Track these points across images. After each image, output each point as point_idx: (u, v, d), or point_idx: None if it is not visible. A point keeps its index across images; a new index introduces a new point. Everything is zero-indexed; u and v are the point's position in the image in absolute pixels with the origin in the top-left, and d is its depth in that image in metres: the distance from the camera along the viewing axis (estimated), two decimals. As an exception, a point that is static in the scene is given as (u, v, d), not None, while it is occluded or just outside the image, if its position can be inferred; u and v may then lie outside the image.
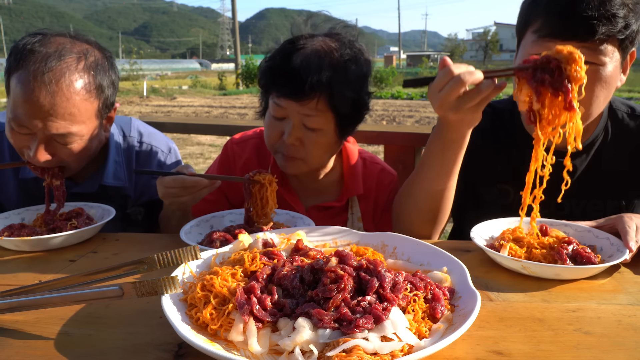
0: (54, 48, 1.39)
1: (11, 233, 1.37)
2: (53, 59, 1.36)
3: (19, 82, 1.36)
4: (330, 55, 1.44)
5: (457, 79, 1.11)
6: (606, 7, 1.26)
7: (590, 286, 1.09)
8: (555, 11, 1.31)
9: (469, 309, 0.84)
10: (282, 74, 1.45)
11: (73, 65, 1.40)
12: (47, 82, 1.34)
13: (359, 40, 1.55)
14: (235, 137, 1.80)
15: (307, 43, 1.46)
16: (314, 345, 0.75)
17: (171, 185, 1.37)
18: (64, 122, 1.39)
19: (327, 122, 1.48)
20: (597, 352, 0.83)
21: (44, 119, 1.37)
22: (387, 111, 16.78)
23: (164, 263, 0.94)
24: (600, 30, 1.26)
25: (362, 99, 1.54)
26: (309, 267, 0.89)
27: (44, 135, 1.40)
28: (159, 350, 0.83)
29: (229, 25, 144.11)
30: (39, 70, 1.34)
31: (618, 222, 1.23)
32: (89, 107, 1.44)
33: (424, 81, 1.19)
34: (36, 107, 1.35)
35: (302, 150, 1.51)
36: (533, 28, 1.36)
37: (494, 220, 1.35)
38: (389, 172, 1.79)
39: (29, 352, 0.83)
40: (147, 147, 1.79)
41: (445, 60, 1.15)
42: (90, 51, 1.46)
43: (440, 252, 1.06)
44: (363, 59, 1.52)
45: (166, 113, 16.57)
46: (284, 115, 1.49)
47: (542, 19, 1.33)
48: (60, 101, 1.36)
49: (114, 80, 1.54)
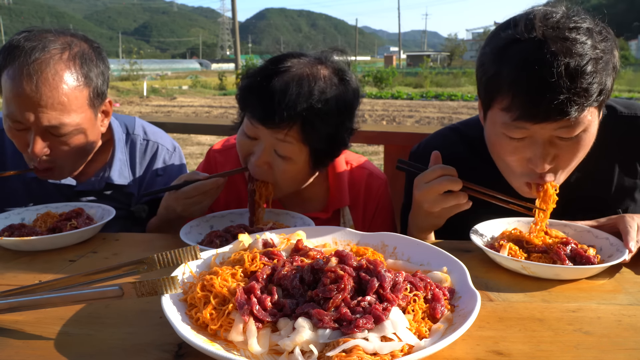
0: (38, 42, 1.42)
1: (11, 233, 1.37)
2: (37, 51, 1.40)
3: (8, 77, 1.40)
4: (312, 84, 1.34)
5: (441, 180, 1.29)
6: (576, 84, 1.12)
7: (590, 286, 1.09)
8: (522, 94, 1.17)
9: (469, 309, 0.84)
10: (256, 97, 1.37)
11: (57, 56, 1.43)
12: (32, 74, 1.38)
13: (350, 70, 1.46)
14: (217, 145, 1.76)
15: (293, 66, 1.37)
16: (314, 345, 0.75)
17: (192, 194, 1.37)
18: (54, 112, 1.41)
19: (299, 153, 1.40)
20: (597, 352, 0.83)
21: (34, 110, 1.39)
22: (387, 111, 16.78)
23: (164, 263, 0.94)
24: (574, 109, 1.14)
25: (340, 136, 1.44)
26: (309, 267, 0.89)
27: (38, 128, 1.43)
28: (159, 350, 0.83)
29: (229, 25, 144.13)
30: (24, 62, 1.38)
31: (619, 221, 1.23)
32: (78, 96, 1.46)
33: (417, 168, 1.38)
34: (26, 100, 1.38)
35: (270, 174, 1.44)
36: (500, 105, 1.22)
37: (494, 220, 1.35)
38: (378, 176, 1.74)
39: (29, 352, 0.83)
40: (153, 144, 1.80)
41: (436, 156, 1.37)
42: (74, 42, 1.49)
43: (440, 252, 1.06)
44: (351, 90, 1.43)
45: (166, 113, 16.57)
46: (255, 136, 1.42)
47: (509, 99, 1.19)
48: (47, 91, 1.39)
49: (103, 71, 1.55)
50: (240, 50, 47.86)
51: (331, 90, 1.37)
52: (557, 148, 1.24)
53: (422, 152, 1.66)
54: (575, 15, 1.20)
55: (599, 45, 1.16)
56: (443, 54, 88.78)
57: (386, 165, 2.59)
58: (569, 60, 1.12)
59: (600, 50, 1.16)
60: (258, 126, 1.38)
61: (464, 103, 19.84)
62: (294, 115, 1.32)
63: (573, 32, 1.15)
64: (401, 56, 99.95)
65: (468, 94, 22.82)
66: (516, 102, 1.18)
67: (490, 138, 1.33)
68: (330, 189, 1.67)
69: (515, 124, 1.20)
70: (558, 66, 1.12)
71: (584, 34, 1.16)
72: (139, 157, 1.77)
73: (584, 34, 1.16)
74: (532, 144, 1.23)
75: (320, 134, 1.38)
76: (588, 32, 1.16)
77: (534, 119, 1.17)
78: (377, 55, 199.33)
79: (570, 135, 1.20)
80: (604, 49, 1.17)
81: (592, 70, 1.13)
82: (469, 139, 1.60)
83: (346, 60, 1.50)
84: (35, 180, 1.66)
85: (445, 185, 1.28)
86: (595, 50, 1.15)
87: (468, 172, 1.32)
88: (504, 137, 1.26)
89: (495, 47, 1.23)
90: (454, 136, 1.65)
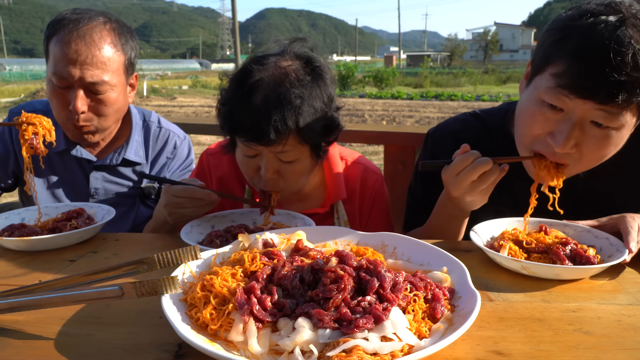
0: (84, 14, 1.69)
1: (11, 233, 1.37)
2: (84, 20, 1.66)
3: (57, 41, 1.63)
4: (290, 88, 1.32)
5: (474, 166, 1.25)
6: (638, 73, 1.11)
7: (590, 286, 1.09)
8: (580, 64, 1.15)
9: (469, 309, 0.84)
10: (244, 124, 1.35)
11: (101, 25, 1.69)
12: (81, 35, 1.63)
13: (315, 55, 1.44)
14: (211, 148, 1.75)
15: (262, 74, 1.34)
16: (314, 345, 0.75)
17: (180, 194, 1.36)
18: (97, 70, 1.65)
19: (302, 153, 1.42)
20: (597, 352, 0.83)
21: (81, 67, 1.62)
22: (387, 111, 16.78)
23: (164, 263, 0.94)
24: (623, 97, 1.13)
25: (332, 119, 1.45)
26: (309, 267, 0.89)
27: (82, 84, 1.65)
28: (159, 350, 0.83)
29: (229, 25, 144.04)
30: (74, 28, 1.63)
31: (620, 221, 1.23)
32: (117, 59, 1.71)
33: (441, 164, 1.33)
34: (74, 57, 1.61)
35: (281, 181, 1.46)
36: (553, 70, 1.21)
37: (494, 220, 1.35)
38: (373, 171, 1.74)
39: (29, 352, 0.83)
40: (165, 131, 1.99)
41: (465, 147, 1.29)
42: (113, 18, 1.76)
43: (440, 252, 1.06)
44: (326, 76, 1.42)
45: (166, 113, 16.56)
46: (255, 153, 1.43)
47: (565, 66, 1.18)
48: (94, 50, 1.64)
49: (135, 47, 1.80)
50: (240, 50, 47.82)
51: (310, 88, 1.36)
52: (585, 136, 1.22)
53: (440, 135, 1.67)
54: None
55: None
56: (443, 54, 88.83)
57: (386, 165, 2.59)
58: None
59: None
60: (255, 146, 1.38)
61: (464, 103, 19.84)
62: (287, 128, 1.32)
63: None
64: (401, 56, 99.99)
65: (468, 94, 22.82)
66: (571, 70, 1.17)
67: (525, 103, 1.31)
68: (327, 183, 1.68)
69: (560, 91, 1.19)
70: (627, 49, 1.11)
71: None
72: (152, 141, 1.96)
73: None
74: (564, 120, 1.22)
75: (315, 130, 1.39)
76: None
77: (580, 93, 1.16)
78: (377, 55, 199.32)
79: (607, 123, 1.19)
80: None
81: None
82: (489, 126, 1.60)
83: (307, 44, 1.47)
84: (58, 154, 1.84)
85: (477, 170, 1.25)
86: None
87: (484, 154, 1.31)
88: (540, 104, 1.25)
89: (574, 13, 1.22)
90: (474, 122, 1.64)
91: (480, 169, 1.25)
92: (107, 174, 1.88)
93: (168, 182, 1.43)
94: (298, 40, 1.48)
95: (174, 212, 1.40)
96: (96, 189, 1.86)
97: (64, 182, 1.88)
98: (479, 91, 25.53)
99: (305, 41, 1.48)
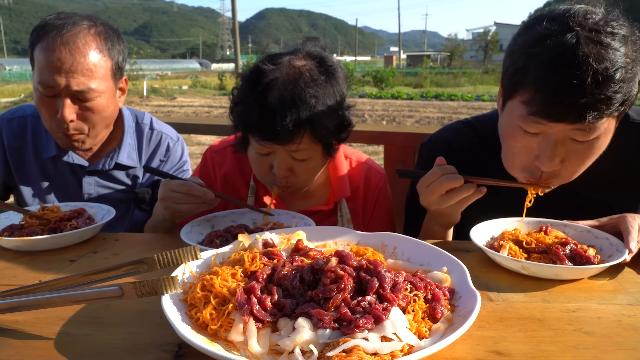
0: (68, 19, 1.63)
1: (11, 233, 1.37)
2: (68, 25, 1.59)
3: (42, 48, 1.57)
4: (305, 88, 1.34)
5: (441, 181, 1.27)
6: (601, 91, 1.11)
7: (590, 286, 1.09)
8: (544, 91, 1.16)
9: (469, 309, 0.84)
10: (258, 123, 1.38)
11: (85, 30, 1.62)
12: (65, 42, 1.56)
13: (328, 54, 1.46)
14: (215, 145, 1.76)
15: (276, 74, 1.36)
16: (314, 345, 0.75)
17: (177, 189, 1.36)
18: (83, 77, 1.59)
19: (315, 151, 1.46)
20: (597, 352, 0.83)
21: (66, 75, 1.57)
22: (387, 111, 16.78)
23: (164, 263, 0.94)
24: (592, 115, 1.13)
25: (345, 118, 1.48)
26: (309, 267, 0.89)
27: (68, 92, 1.59)
28: (159, 350, 0.83)
29: (229, 25, 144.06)
30: (58, 34, 1.57)
31: (621, 221, 1.23)
32: (103, 65, 1.65)
33: (418, 174, 1.35)
34: (58, 66, 1.56)
35: (293, 178, 1.50)
36: (521, 98, 1.21)
37: (494, 220, 1.35)
38: (377, 170, 1.76)
39: (29, 352, 0.83)
40: (158, 133, 1.96)
41: (440, 160, 1.32)
42: (99, 22, 1.70)
43: (440, 252, 1.06)
44: (339, 70, 1.45)
45: (166, 113, 16.57)
46: (269, 151, 1.45)
47: (531, 93, 1.18)
48: (78, 57, 1.57)
49: (122, 50, 1.74)
50: (240, 50, 47.82)
51: (324, 87, 1.38)
52: (568, 150, 1.23)
53: (434, 145, 1.67)
54: (614, 20, 1.17)
55: (632, 54, 1.14)
56: (443, 54, 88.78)
57: (386, 165, 2.59)
58: (599, 66, 1.10)
59: (632, 60, 1.14)
60: (269, 145, 1.41)
61: (464, 103, 19.84)
62: (301, 126, 1.35)
63: (609, 37, 1.13)
64: (401, 56, 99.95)
65: (468, 94, 22.82)
66: (537, 98, 1.17)
67: (505, 128, 1.33)
68: (332, 180, 1.70)
69: (532, 119, 1.20)
70: (586, 70, 1.10)
71: (619, 41, 1.13)
72: (145, 143, 1.92)
73: (619, 41, 1.13)
74: (545, 141, 1.23)
75: (329, 128, 1.42)
76: (623, 40, 1.14)
77: (551, 117, 1.17)
78: (377, 55, 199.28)
79: (585, 138, 1.20)
80: (635, 58, 1.15)
81: (619, 79, 1.11)
82: (481, 134, 1.60)
83: (320, 43, 1.50)
84: (50, 160, 1.81)
85: (445, 185, 1.27)
86: (627, 59, 1.13)
87: (477, 165, 1.32)
88: (519, 130, 1.26)
89: (529, 39, 1.21)
90: (466, 130, 1.65)
91: (448, 184, 1.27)
92: (100, 178, 1.84)
93: (170, 177, 1.43)
94: (310, 39, 1.50)
95: (169, 206, 1.40)
96: (89, 194, 1.84)
97: (57, 188, 1.85)
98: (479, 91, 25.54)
99: (318, 40, 1.51)
